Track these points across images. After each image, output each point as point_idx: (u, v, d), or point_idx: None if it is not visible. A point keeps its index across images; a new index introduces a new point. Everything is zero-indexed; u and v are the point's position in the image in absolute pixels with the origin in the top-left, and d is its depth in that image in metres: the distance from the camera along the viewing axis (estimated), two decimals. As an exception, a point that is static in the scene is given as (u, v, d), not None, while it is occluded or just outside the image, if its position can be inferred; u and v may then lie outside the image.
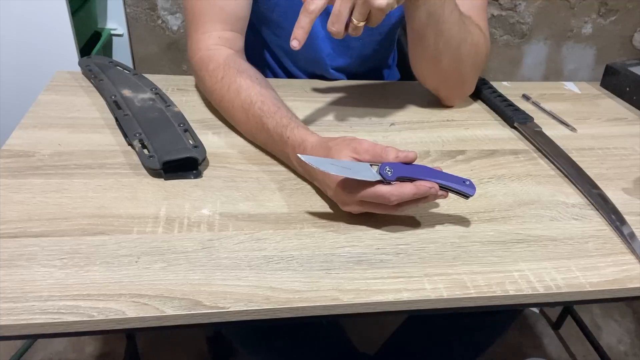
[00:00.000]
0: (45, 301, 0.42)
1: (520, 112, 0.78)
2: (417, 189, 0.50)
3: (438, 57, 0.72)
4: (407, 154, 0.52)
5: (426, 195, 0.51)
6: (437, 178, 0.52)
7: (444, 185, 0.52)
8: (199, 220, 0.53)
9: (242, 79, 0.66)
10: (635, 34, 1.77)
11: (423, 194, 0.51)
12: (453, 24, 0.69)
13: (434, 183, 0.51)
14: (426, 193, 0.51)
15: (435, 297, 0.47)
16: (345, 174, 0.50)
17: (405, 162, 0.52)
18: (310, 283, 0.46)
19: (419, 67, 0.77)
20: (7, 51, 1.21)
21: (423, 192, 0.51)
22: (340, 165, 0.51)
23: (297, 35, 0.57)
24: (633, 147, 0.75)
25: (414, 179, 0.51)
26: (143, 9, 1.53)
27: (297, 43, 0.57)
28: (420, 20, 0.68)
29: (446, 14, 0.67)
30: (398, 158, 0.52)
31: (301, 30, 0.57)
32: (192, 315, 0.43)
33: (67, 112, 0.69)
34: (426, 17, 0.67)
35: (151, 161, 0.58)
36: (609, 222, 0.58)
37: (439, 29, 0.68)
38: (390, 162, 0.51)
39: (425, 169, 0.53)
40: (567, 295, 0.49)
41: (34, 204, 0.52)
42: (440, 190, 0.52)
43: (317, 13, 0.57)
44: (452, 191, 0.53)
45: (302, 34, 0.57)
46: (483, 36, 0.75)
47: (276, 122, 0.60)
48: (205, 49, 0.71)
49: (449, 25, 0.69)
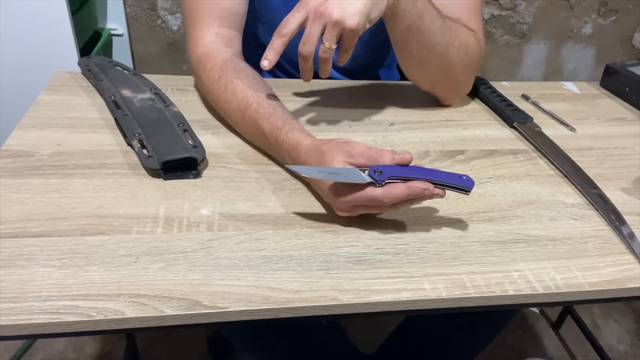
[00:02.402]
0: (45, 301, 0.42)
1: (519, 112, 0.78)
2: (410, 190, 0.49)
3: (425, 64, 0.72)
4: (402, 156, 0.51)
5: (420, 195, 0.50)
6: (431, 176, 0.51)
7: (440, 182, 0.51)
8: (198, 220, 0.53)
9: (239, 79, 0.65)
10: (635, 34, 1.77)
11: (417, 195, 0.50)
12: (435, 33, 0.68)
13: (428, 184, 0.50)
14: (420, 194, 0.50)
15: (434, 297, 0.47)
16: (334, 179, 0.50)
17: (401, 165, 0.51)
18: (310, 283, 0.47)
19: (409, 73, 0.77)
20: (7, 51, 1.20)
21: (417, 193, 0.50)
22: (328, 171, 0.50)
23: (268, 56, 0.59)
24: (632, 147, 0.75)
25: (407, 177, 0.50)
26: (143, 9, 1.53)
27: (267, 63, 0.59)
28: (400, 33, 0.68)
29: (426, 24, 0.67)
30: (394, 161, 0.51)
31: (272, 51, 0.59)
32: (192, 316, 0.43)
33: (67, 112, 0.69)
34: (405, 29, 0.67)
35: (150, 161, 0.58)
36: (608, 222, 0.58)
37: (420, 39, 0.68)
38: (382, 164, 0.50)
39: (418, 168, 0.51)
40: (566, 295, 0.49)
41: (33, 204, 0.52)
42: (437, 188, 0.50)
43: (289, 36, 0.59)
44: (451, 188, 0.51)
45: (273, 55, 0.59)
46: (473, 37, 0.74)
47: (271, 124, 0.60)
48: (202, 46, 0.70)
49: (431, 34, 0.68)
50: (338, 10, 0.57)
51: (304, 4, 0.58)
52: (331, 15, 0.57)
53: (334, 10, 0.57)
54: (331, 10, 0.57)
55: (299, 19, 0.58)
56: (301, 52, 0.59)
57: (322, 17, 0.57)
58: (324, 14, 0.57)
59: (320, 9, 0.57)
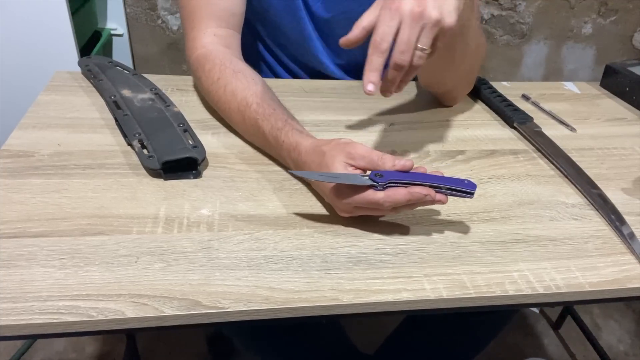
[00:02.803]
0: (45, 301, 0.42)
1: (520, 112, 0.78)
2: (410, 195, 0.49)
3: (459, 64, 0.72)
4: (404, 163, 0.50)
5: (421, 201, 0.50)
6: (432, 181, 0.50)
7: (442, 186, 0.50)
8: (198, 221, 0.53)
9: (238, 80, 0.65)
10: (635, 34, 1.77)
11: (417, 200, 0.50)
12: (475, 30, 0.68)
13: (429, 189, 0.49)
14: (421, 200, 0.49)
15: (434, 297, 0.47)
16: (336, 180, 0.50)
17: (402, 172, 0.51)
18: (310, 283, 0.46)
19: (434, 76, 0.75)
20: (7, 51, 1.20)
21: (417, 198, 0.49)
22: (329, 175, 0.51)
23: (373, 79, 0.51)
24: (633, 147, 0.75)
25: (408, 182, 0.50)
26: (143, 9, 1.53)
27: (373, 87, 0.51)
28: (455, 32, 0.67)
29: (472, 22, 0.66)
30: (395, 167, 0.50)
31: (376, 72, 0.51)
32: (192, 316, 0.43)
33: (67, 112, 0.69)
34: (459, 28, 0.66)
35: (151, 161, 0.58)
36: (608, 222, 0.58)
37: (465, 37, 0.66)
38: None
39: (419, 173, 0.51)
40: (566, 296, 0.49)
41: (33, 204, 0.52)
42: (439, 194, 0.50)
43: (388, 50, 0.52)
44: (453, 192, 0.51)
45: (377, 76, 0.51)
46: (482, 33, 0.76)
47: (271, 125, 0.60)
48: (201, 47, 0.70)
49: (472, 31, 0.67)
50: (436, 10, 0.52)
51: (394, 9, 0.51)
52: (430, 16, 0.51)
53: (432, 10, 0.51)
54: (430, 11, 0.51)
55: (394, 28, 0.51)
56: (400, 62, 0.52)
57: (421, 19, 0.51)
58: (423, 16, 0.51)
59: (418, 10, 0.51)
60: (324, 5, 0.79)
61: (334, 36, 0.84)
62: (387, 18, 0.51)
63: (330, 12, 0.80)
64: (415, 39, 0.51)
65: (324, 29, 0.83)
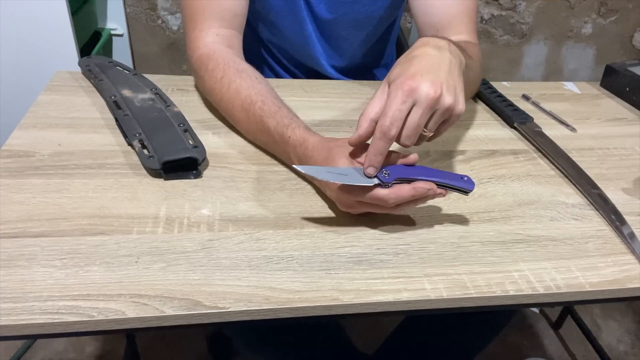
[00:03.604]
0: (45, 301, 0.42)
1: (520, 112, 0.78)
2: (415, 190, 0.50)
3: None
4: (408, 158, 0.52)
5: (424, 196, 0.51)
6: (434, 177, 0.52)
7: (442, 183, 0.52)
8: (198, 221, 0.53)
9: (242, 78, 0.66)
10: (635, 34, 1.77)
11: (421, 196, 0.51)
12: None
13: (432, 184, 0.51)
14: (424, 194, 0.51)
15: (435, 297, 0.47)
16: (343, 180, 0.50)
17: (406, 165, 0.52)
18: (310, 283, 0.46)
19: None
20: (7, 51, 1.21)
21: (421, 193, 0.50)
22: (337, 172, 0.51)
23: (375, 163, 0.49)
24: (633, 147, 0.75)
25: (412, 179, 0.51)
26: (143, 9, 1.54)
27: (373, 170, 0.50)
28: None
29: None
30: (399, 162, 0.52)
31: (380, 157, 0.49)
32: (192, 316, 0.43)
33: (67, 112, 0.69)
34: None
35: (151, 161, 0.58)
36: (608, 222, 0.58)
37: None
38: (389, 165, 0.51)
39: (422, 168, 0.52)
40: (567, 296, 0.49)
41: (33, 204, 0.52)
42: (439, 188, 0.52)
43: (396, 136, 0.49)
44: (451, 188, 0.52)
45: (380, 161, 0.50)
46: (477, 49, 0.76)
47: (277, 121, 0.60)
48: (203, 47, 0.70)
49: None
50: (452, 96, 0.49)
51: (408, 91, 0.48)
52: (444, 102, 0.49)
53: (447, 96, 0.49)
54: (445, 96, 0.49)
55: (405, 112, 0.48)
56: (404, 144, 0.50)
57: (435, 104, 0.49)
58: (439, 101, 0.49)
59: (434, 96, 0.48)
60: (327, 6, 0.79)
61: (334, 37, 0.84)
62: (398, 100, 0.48)
63: (334, 13, 0.80)
64: (424, 124, 0.49)
65: (325, 31, 0.83)
